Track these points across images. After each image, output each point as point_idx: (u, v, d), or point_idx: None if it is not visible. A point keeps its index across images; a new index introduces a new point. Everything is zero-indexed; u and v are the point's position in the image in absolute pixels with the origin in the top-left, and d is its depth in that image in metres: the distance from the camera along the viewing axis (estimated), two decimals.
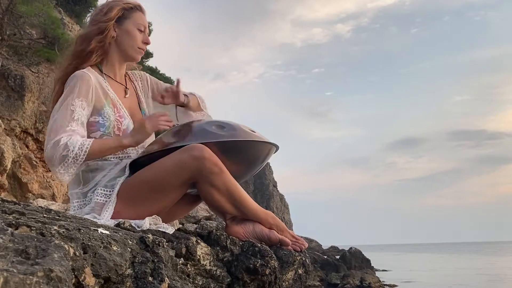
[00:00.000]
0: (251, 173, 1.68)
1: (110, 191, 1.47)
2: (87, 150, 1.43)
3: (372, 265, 14.68)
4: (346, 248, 15.49)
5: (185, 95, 1.73)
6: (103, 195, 1.46)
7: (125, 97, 1.69)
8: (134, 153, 1.62)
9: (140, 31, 1.66)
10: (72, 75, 1.54)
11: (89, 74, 1.55)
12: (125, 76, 1.75)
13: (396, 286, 12.18)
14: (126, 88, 1.72)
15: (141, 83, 1.80)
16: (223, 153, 1.45)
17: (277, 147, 1.67)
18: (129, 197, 1.45)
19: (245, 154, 1.56)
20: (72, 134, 1.44)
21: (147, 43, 1.68)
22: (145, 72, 1.86)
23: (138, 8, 1.68)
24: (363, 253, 14.58)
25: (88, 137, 1.52)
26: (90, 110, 1.53)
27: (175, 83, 1.72)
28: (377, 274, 13.14)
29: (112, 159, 1.56)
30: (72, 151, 1.41)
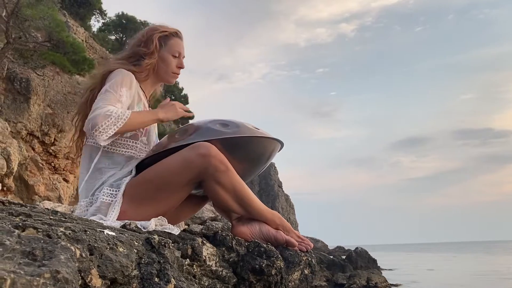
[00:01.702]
0: (257, 171, 1.68)
1: (116, 191, 1.47)
2: (128, 116, 1.50)
3: (378, 265, 14.63)
4: (352, 248, 15.44)
5: None
6: (109, 195, 1.46)
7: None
8: (144, 153, 1.63)
9: (175, 56, 1.76)
10: (118, 69, 1.62)
11: (132, 74, 1.65)
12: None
13: (402, 286, 12.13)
14: (149, 107, 1.81)
15: None
16: (228, 150, 1.45)
17: (282, 144, 1.66)
18: (135, 197, 1.45)
19: (250, 151, 1.56)
20: (117, 108, 1.52)
21: (181, 67, 1.79)
22: None
23: (174, 35, 1.78)
24: (369, 253, 14.53)
25: None
26: (129, 103, 1.61)
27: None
28: (384, 274, 13.09)
29: (119, 159, 1.57)
30: (116, 113, 1.48)
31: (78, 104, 1.72)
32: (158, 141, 1.78)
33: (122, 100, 1.55)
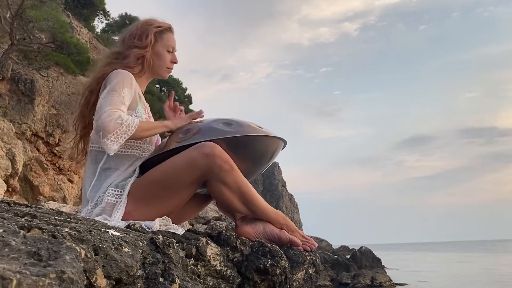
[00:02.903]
0: (261, 170, 1.68)
1: (121, 192, 1.48)
2: (137, 125, 1.50)
3: (383, 264, 14.59)
4: (357, 248, 15.41)
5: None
6: (114, 196, 1.47)
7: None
8: (147, 152, 1.64)
9: (169, 51, 1.77)
10: (117, 70, 1.61)
11: (131, 74, 1.64)
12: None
13: (407, 285, 12.09)
14: (147, 102, 1.81)
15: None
16: (232, 149, 1.45)
17: (285, 142, 1.67)
18: (140, 197, 1.46)
19: (254, 149, 1.56)
20: (124, 112, 1.51)
21: (174, 62, 1.80)
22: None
23: (167, 30, 1.78)
24: (373, 252, 14.50)
25: None
26: (129, 103, 1.60)
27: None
28: (388, 273, 13.06)
29: (125, 160, 1.57)
30: (126, 121, 1.47)
31: (77, 107, 1.71)
32: (161, 140, 1.79)
33: (126, 102, 1.54)
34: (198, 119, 1.70)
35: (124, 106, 1.53)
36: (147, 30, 1.73)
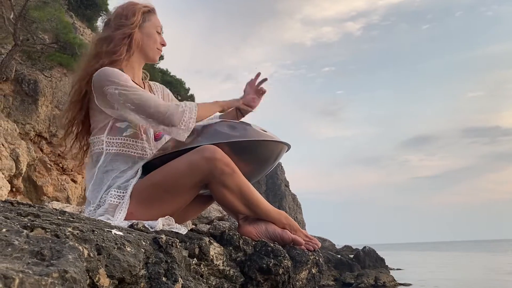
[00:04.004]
0: (264, 173, 1.68)
1: (123, 193, 1.47)
2: (197, 108, 1.55)
3: (386, 264, 14.56)
4: (360, 247, 15.39)
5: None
6: (116, 197, 1.47)
7: None
8: (150, 154, 1.63)
9: (158, 33, 1.74)
10: (103, 69, 1.54)
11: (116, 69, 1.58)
12: (144, 83, 1.79)
13: (410, 285, 12.06)
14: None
15: (161, 95, 1.86)
16: (235, 153, 1.45)
17: (288, 146, 1.67)
18: (142, 198, 1.46)
19: (257, 153, 1.56)
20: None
21: (163, 44, 1.76)
22: (164, 86, 1.93)
23: (153, 11, 1.75)
24: (377, 252, 14.47)
25: (116, 133, 1.57)
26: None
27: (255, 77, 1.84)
28: (392, 273, 13.03)
29: (123, 160, 1.57)
30: (185, 106, 1.52)
31: (71, 109, 1.63)
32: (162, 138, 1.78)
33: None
34: (203, 121, 1.66)
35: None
36: (134, 9, 1.67)
